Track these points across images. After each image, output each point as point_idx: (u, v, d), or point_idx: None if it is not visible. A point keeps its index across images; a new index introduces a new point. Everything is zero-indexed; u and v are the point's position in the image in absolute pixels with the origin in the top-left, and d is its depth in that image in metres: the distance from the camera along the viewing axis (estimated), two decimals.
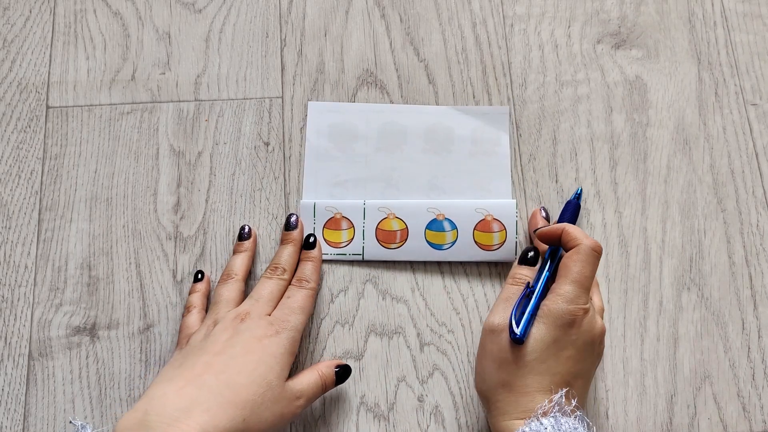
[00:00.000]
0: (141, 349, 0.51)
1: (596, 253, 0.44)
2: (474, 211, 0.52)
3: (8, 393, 0.50)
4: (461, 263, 0.53)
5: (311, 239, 0.52)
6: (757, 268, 0.53)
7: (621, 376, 0.51)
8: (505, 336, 0.42)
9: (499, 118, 0.56)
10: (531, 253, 0.47)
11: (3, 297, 0.51)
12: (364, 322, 0.52)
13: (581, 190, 0.53)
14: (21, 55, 0.57)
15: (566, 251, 0.45)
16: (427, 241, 0.52)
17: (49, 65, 0.57)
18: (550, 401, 0.40)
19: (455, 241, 0.52)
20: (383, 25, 0.58)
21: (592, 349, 0.43)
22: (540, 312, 0.43)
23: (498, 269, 0.53)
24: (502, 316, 0.43)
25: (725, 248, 0.53)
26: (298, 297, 0.48)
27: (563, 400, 0.40)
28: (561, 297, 0.42)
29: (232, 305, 0.48)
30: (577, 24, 0.59)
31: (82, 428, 0.43)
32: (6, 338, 0.51)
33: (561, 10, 0.59)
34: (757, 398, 0.50)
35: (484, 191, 0.54)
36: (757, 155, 0.56)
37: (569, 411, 0.40)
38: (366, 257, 0.53)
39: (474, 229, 0.52)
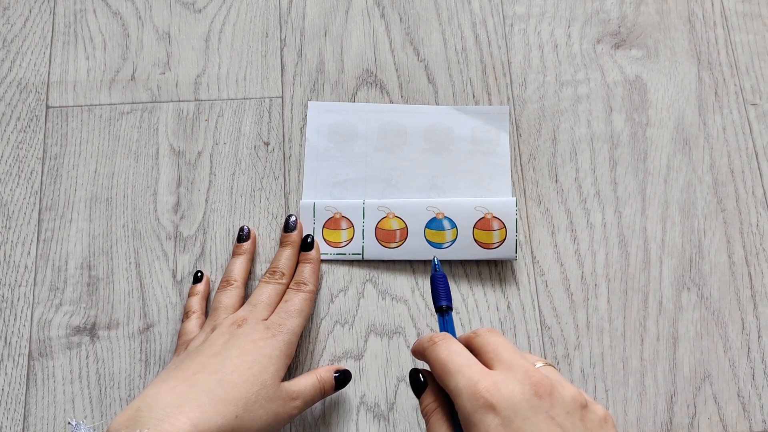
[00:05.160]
0: (141, 349, 0.51)
1: (423, 350, 0.39)
2: (473, 209, 0.52)
3: (8, 393, 0.50)
4: (461, 263, 0.53)
5: (309, 240, 0.52)
6: (757, 268, 0.53)
7: (621, 376, 0.51)
8: None
9: (498, 117, 0.56)
10: (420, 378, 0.40)
11: (3, 297, 0.51)
12: (364, 322, 0.52)
13: (436, 260, 0.44)
14: (21, 55, 0.57)
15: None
16: (427, 240, 0.52)
17: (49, 65, 0.57)
18: None
19: (455, 239, 0.52)
20: (383, 24, 0.58)
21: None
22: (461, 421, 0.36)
23: (498, 270, 0.53)
24: None
25: (725, 248, 0.53)
26: (295, 300, 0.48)
27: None
28: (457, 397, 0.36)
29: (230, 311, 0.48)
30: (577, 24, 0.59)
31: (76, 427, 0.43)
32: (6, 338, 0.51)
33: (561, 10, 0.59)
34: (757, 398, 0.50)
35: (484, 191, 0.54)
36: (757, 155, 0.56)
37: None
38: (366, 257, 0.53)
39: (474, 228, 0.52)
